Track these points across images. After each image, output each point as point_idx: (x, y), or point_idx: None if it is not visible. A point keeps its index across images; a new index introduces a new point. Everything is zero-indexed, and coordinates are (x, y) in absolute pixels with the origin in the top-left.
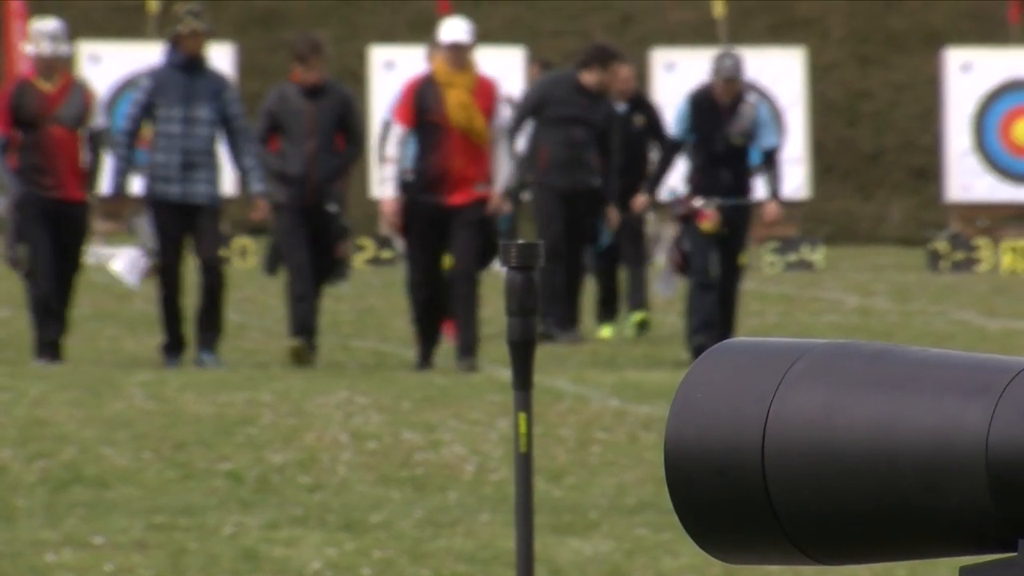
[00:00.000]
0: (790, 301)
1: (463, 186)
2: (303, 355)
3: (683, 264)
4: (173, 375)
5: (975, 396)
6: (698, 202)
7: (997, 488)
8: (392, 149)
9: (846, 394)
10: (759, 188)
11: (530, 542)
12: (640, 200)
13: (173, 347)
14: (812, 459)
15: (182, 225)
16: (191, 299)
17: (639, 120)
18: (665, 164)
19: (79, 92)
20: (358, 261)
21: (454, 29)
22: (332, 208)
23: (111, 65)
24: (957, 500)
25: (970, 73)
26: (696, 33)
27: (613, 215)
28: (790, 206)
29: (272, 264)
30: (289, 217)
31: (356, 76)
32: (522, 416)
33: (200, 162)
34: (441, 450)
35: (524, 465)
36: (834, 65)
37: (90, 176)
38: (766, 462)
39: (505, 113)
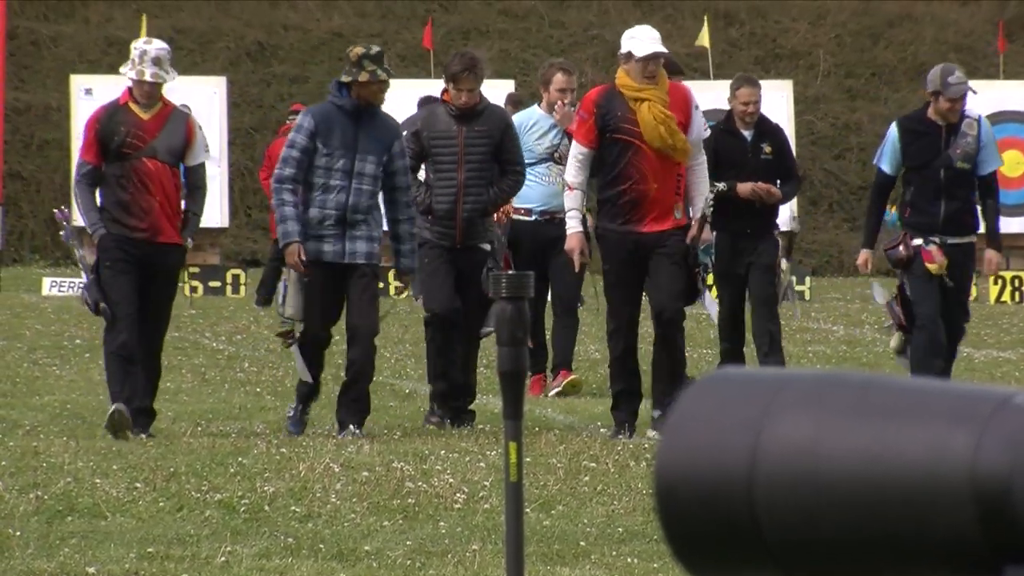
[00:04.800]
0: None
1: (660, 212)
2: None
3: (906, 322)
4: (164, 406)
5: (961, 425)
6: (917, 240)
7: (985, 516)
8: (574, 175)
9: (833, 424)
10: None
11: (520, 571)
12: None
13: (302, 414)
14: (800, 488)
15: (335, 288)
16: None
17: (767, 149)
18: (874, 205)
19: (180, 121)
20: None
21: (647, 39)
22: (486, 246)
23: (103, 98)
24: (944, 528)
25: None
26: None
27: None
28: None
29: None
30: (433, 257)
31: None
32: (512, 445)
33: (360, 220)
34: (432, 479)
35: (514, 494)
36: (821, 98)
37: (185, 218)
38: (755, 491)
39: (703, 124)
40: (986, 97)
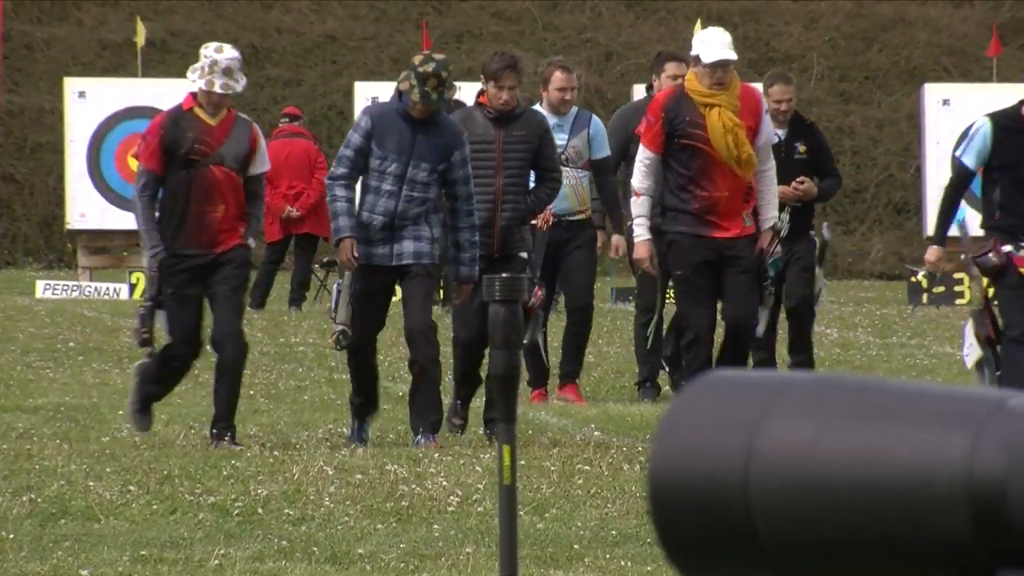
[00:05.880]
0: None
1: (730, 219)
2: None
3: (995, 336)
4: (158, 407)
5: (956, 429)
6: (1007, 247)
7: (980, 519)
8: (640, 180)
9: (828, 427)
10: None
11: (514, 574)
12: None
13: (360, 430)
14: (795, 491)
15: (384, 294)
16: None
17: (801, 148)
18: (953, 199)
19: (244, 129)
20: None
21: (715, 44)
22: (523, 255)
23: (96, 101)
24: (940, 531)
25: (949, 108)
26: None
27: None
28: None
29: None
30: None
31: (342, 112)
32: (506, 448)
33: (408, 225)
34: (425, 482)
35: (508, 497)
36: (814, 101)
37: (247, 227)
38: (749, 494)
39: (772, 129)
40: (976, 100)
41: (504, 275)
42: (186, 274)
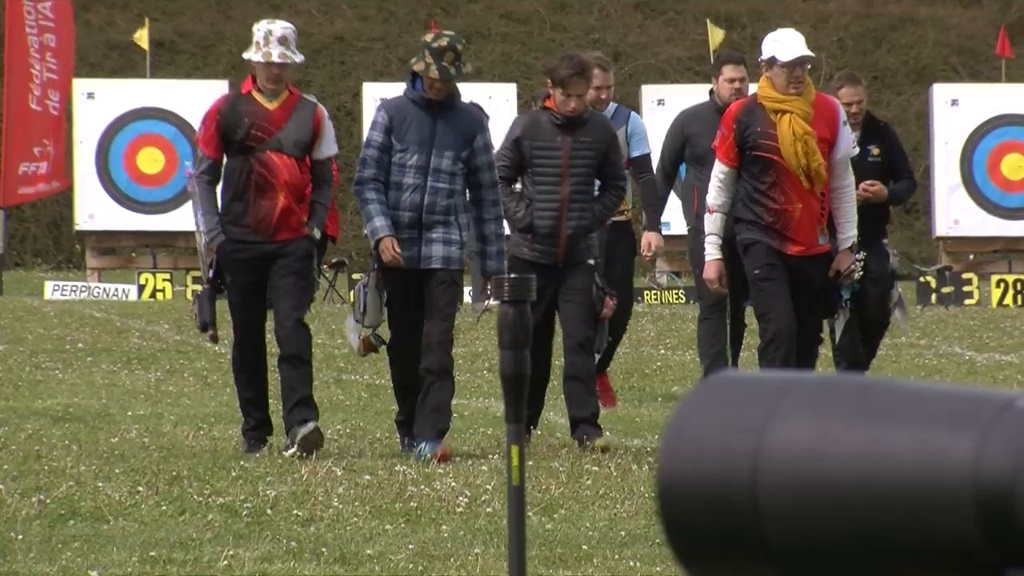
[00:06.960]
0: None
1: (804, 235)
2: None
3: None
4: (167, 409)
5: (963, 429)
6: None
7: (987, 519)
8: (715, 196)
9: (835, 427)
10: None
11: (522, 574)
12: None
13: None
14: (802, 491)
15: (415, 292)
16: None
17: (875, 151)
18: None
19: (307, 111)
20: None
21: (792, 42)
22: (591, 261)
23: (104, 102)
24: (946, 531)
25: (958, 108)
26: (686, 69)
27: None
28: None
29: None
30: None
31: (351, 113)
32: (515, 449)
33: (437, 221)
34: (434, 483)
35: (516, 498)
36: None
37: (312, 209)
38: (757, 494)
39: (851, 141)
40: (985, 100)
41: (513, 275)
42: (246, 261)
